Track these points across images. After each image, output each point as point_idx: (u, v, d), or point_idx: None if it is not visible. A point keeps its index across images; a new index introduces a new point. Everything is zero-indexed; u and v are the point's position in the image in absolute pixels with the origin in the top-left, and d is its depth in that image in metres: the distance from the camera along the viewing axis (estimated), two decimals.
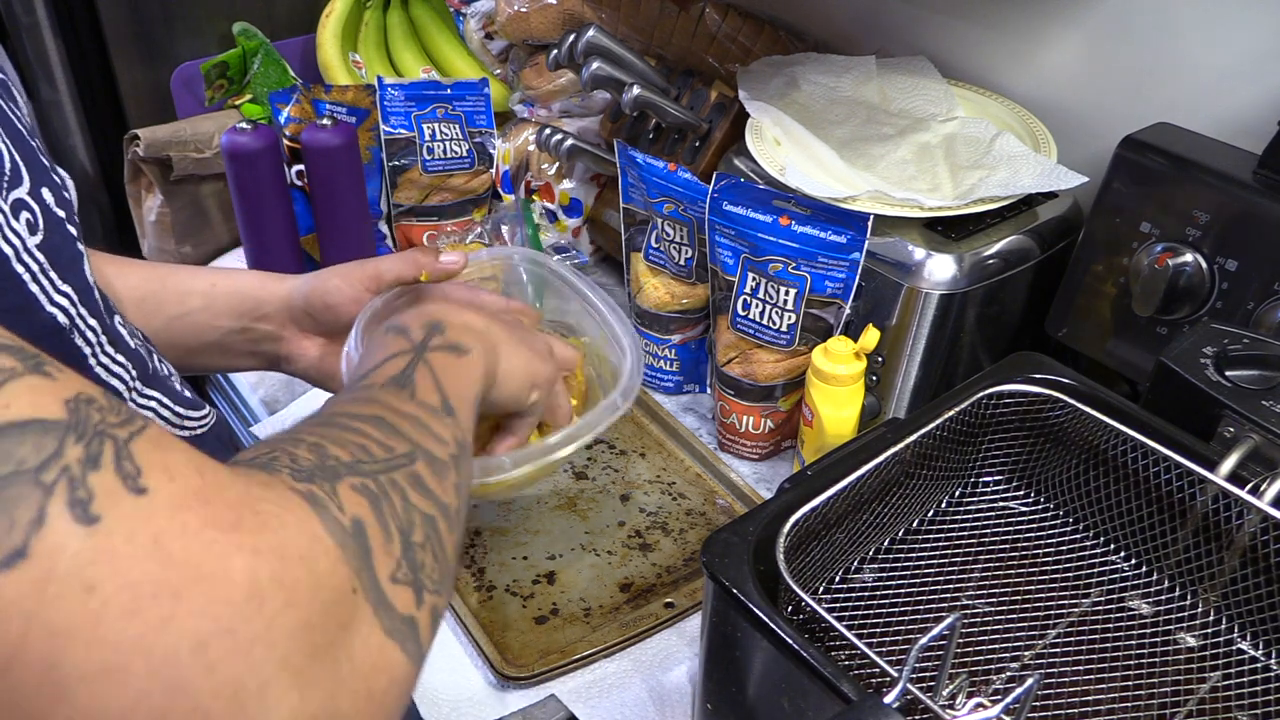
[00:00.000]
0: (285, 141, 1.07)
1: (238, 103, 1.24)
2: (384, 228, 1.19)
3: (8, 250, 0.40)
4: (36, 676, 0.27)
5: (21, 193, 0.42)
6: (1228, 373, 0.66)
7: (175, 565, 0.29)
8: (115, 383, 0.48)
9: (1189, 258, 0.73)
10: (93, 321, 0.46)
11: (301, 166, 1.08)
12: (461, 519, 0.45)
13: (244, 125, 1.02)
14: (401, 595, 0.37)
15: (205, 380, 1.14)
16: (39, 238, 0.42)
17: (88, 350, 0.46)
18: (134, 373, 0.50)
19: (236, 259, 1.17)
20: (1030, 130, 0.89)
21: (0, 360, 0.30)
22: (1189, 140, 0.77)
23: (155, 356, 0.54)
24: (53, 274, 0.43)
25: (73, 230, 0.46)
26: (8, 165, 0.42)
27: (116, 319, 0.50)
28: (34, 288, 0.42)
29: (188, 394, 0.55)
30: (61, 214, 0.45)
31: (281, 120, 1.09)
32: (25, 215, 0.42)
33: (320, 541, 0.34)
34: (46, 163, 0.45)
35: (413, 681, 0.38)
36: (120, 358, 0.49)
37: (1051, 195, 0.86)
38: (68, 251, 0.45)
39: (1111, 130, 0.79)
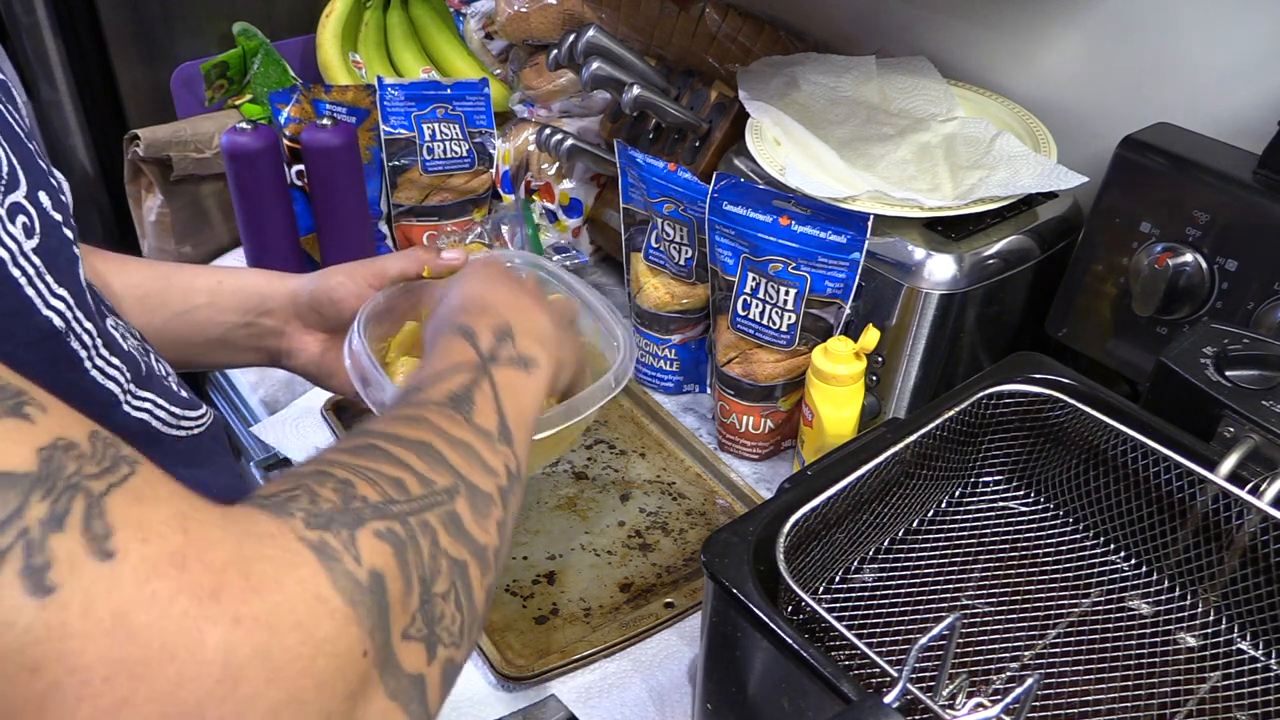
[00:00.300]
0: (285, 141, 1.07)
1: (238, 103, 1.24)
2: (384, 228, 1.19)
3: (4, 255, 0.39)
4: None
5: (18, 196, 0.41)
6: (1228, 373, 0.66)
7: (137, 643, 0.27)
8: (111, 385, 0.47)
9: (1189, 258, 0.73)
10: (88, 325, 0.45)
11: (301, 166, 1.08)
12: (501, 559, 0.43)
13: (244, 125, 1.02)
14: (412, 653, 0.35)
15: (205, 381, 1.14)
16: (35, 241, 0.41)
17: (84, 354, 0.45)
18: (129, 375, 0.49)
19: (236, 259, 1.17)
20: (1030, 130, 0.89)
21: None
22: (1189, 140, 0.77)
23: (152, 356, 0.53)
24: (49, 278, 0.42)
25: (69, 233, 0.45)
26: (4, 169, 0.41)
27: (109, 321, 0.50)
28: (30, 291, 0.41)
29: (184, 394, 0.55)
30: (58, 217, 0.44)
31: (281, 120, 1.09)
32: (22, 219, 0.41)
33: (326, 603, 0.31)
34: (44, 165, 0.45)
35: None
36: (115, 360, 0.48)
37: (1051, 195, 0.86)
38: (64, 255, 0.44)
39: (1111, 130, 0.79)
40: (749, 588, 0.56)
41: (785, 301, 0.84)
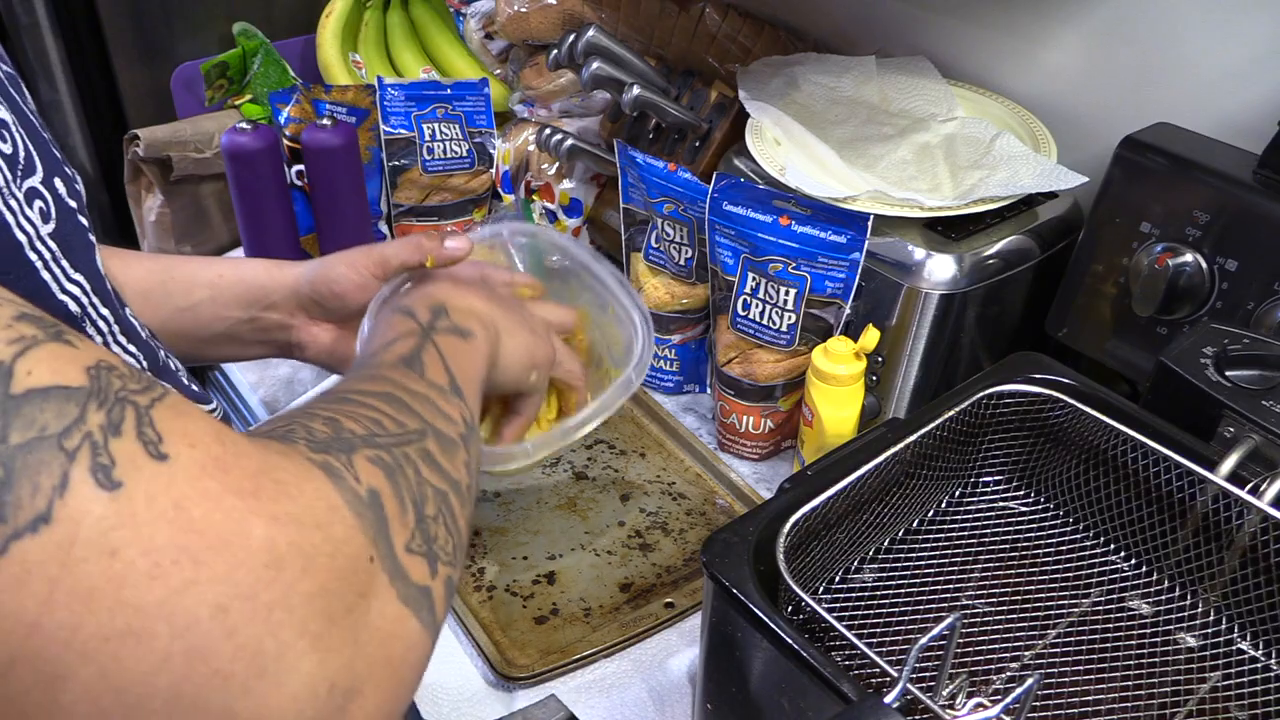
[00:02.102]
0: (285, 141, 1.07)
1: (238, 103, 1.24)
2: (384, 228, 1.19)
3: (21, 238, 0.40)
4: (62, 638, 0.28)
5: (35, 181, 0.42)
6: (1228, 373, 0.66)
7: (196, 531, 0.30)
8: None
9: (1189, 258, 0.73)
10: (105, 311, 0.46)
11: (301, 166, 1.08)
12: (472, 496, 0.46)
13: (244, 125, 1.02)
14: (416, 565, 0.38)
15: (205, 380, 1.14)
16: (51, 226, 0.43)
17: (99, 340, 0.46)
18: (145, 364, 0.50)
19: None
20: (1030, 130, 0.89)
21: (22, 328, 0.30)
22: (1189, 140, 0.77)
23: (163, 351, 0.54)
24: (65, 263, 0.43)
25: (84, 221, 0.46)
26: (21, 154, 0.42)
27: (128, 310, 0.50)
28: (46, 275, 0.42)
29: (195, 388, 0.56)
30: (73, 205, 0.45)
31: (281, 120, 1.09)
32: (38, 204, 0.42)
33: (337, 510, 0.35)
34: (58, 155, 0.46)
35: (428, 651, 0.38)
36: (132, 348, 0.49)
37: (1051, 195, 0.86)
38: (79, 241, 0.45)
39: (1111, 130, 0.79)
40: (749, 588, 0.57)
41: (785, 301, 0.84)
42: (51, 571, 0.28)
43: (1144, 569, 0.69)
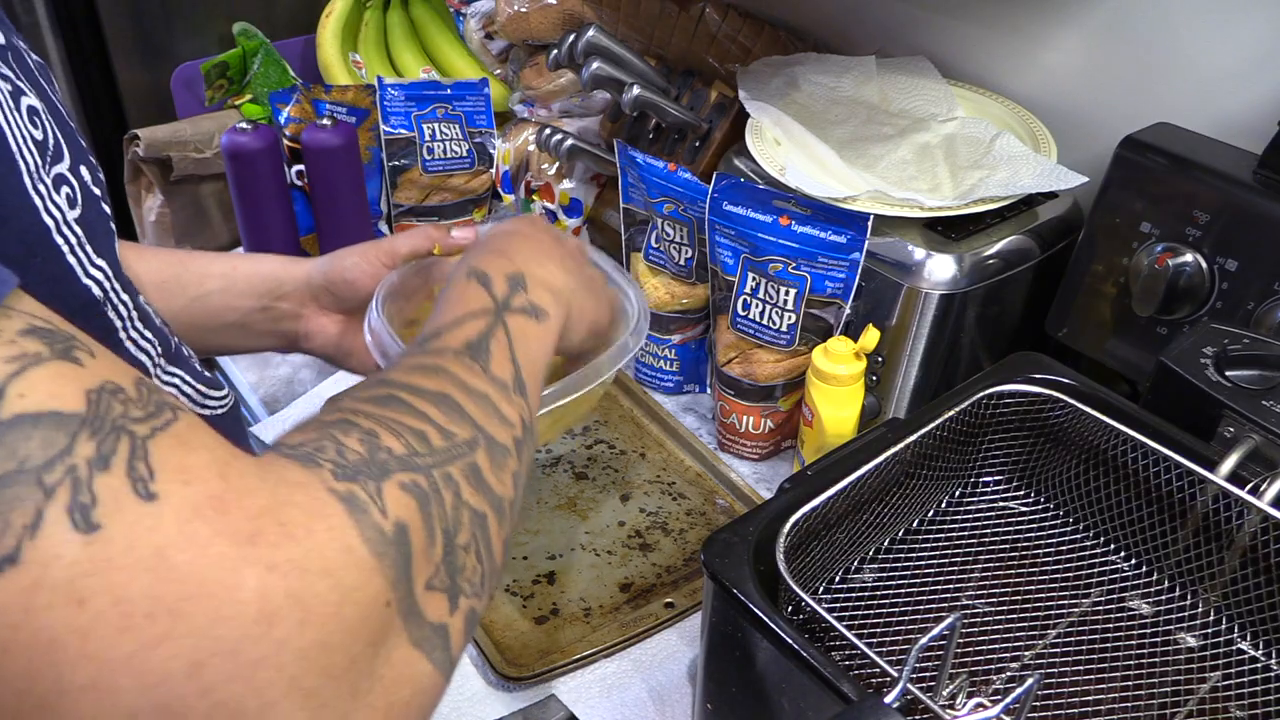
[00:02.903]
0: (285, 141, 1.07)
1: (238, 103, 1.24)
2: (384, 228, 1.19)
3: (49, 221, 0.40)
4: (19, 688, 0.26)
5: (62, 168, 0.42)
6: (1228, 373, 0.66)
7: (177, 580, 0.28)
8: (142, 357, 0.48)
9: (1189, 258, 0.73)
10: (125, 297, 0.46)
11: (301, 166, 1.08)
12: (515, 511, 0.44)
13: (244, 125, 1.02)
14: (434, 603, 0.35)
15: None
16: (77, 212, 0.42)
17: (119, 324, 0.45)
18: (159, 349, 0.50)
19: None
20: (1030, 130, 0.89)
21: (26, 344, 0.29)
22: (1189, 140, 0.77)
23: (176, 338, 0.54)
24: (89, 248, 0.43)
25: (106, 209, 0.46)
26: (51, 141, 0.42)
27: (141, 298, 0.51)
28: (71, 259, 0.41)
29: (208, 374, 0.55)
30: (97, 192, 0.45)
31: (281, 120, 1.09)
32: (65, 190, 0.42)
33: (353, 553, 0.32)
34: (83, 144, 0.46)
35: (440, 690, 0.36)
36: (148, 334, 0.49)
37: (1051, 195, 0.86)
38: (102, 228, 0.45)
39: (1111, 130, 0.79)
40: (749, 588, 0.57)
41: (785, 301, 0.84)
42: (13, 617, 0.26)
43: (1144, 569, 0.69)
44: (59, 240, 0.41)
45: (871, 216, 0.79)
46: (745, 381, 0.90)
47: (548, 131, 1.09)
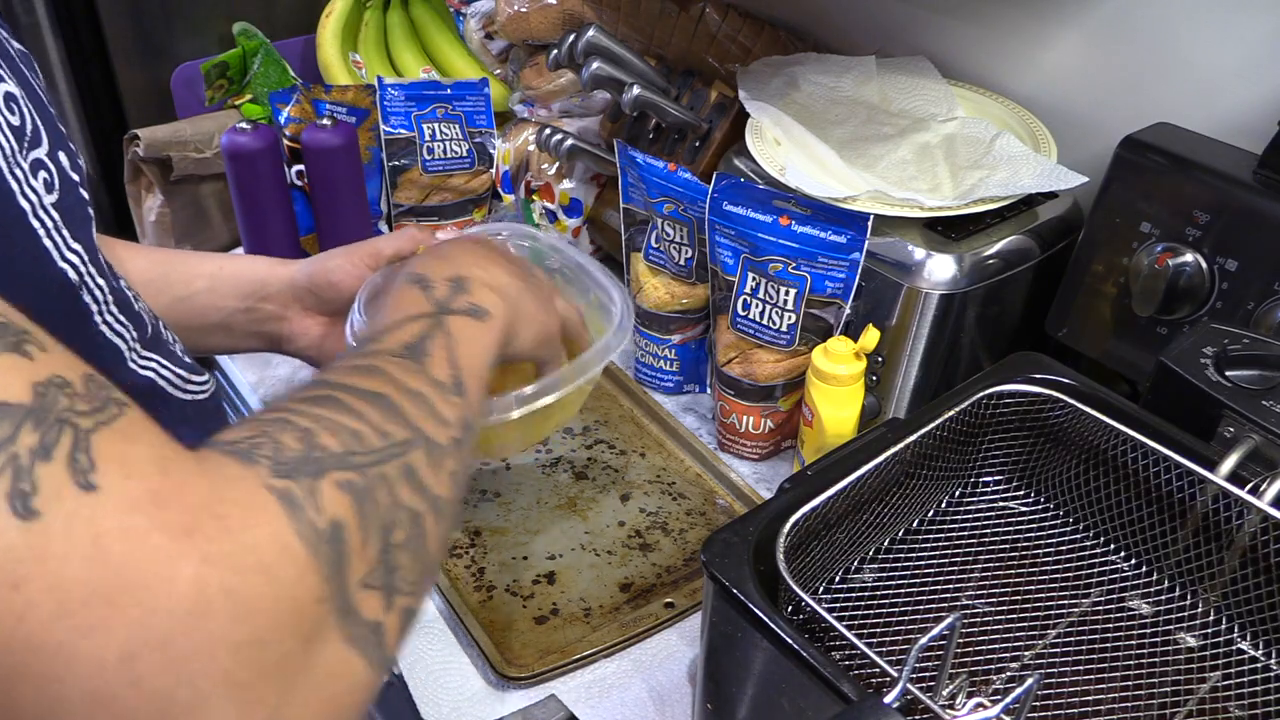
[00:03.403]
0: (285, 141, 1.07)
1: (238, 103, 1.24)
2: (384, 228, 1.19)
3: (25, 205, 0.41)
4: None
5: (40, 153, 0.43)
6: (1228, 373, 0.66)
7: (112, 570, 0.28)
8: (117, 341, 0.48)
9: (1189, 258, 0.73)
10: (100, 281, 0.46)
11: (301, 166, 1.08)
12: (454, 510, 0.44)
13: (244, 125, 1.02)
14: (370, 601, 0.35)
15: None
16: (54, 197, 0.43)
17: (95, 307, 0.46)
18: (135, 334, 0.50)
19: None
20: (1030, 130, 0.89)
21: None
22: (1189, 140, 0.77)
23: (161, 324, 0.54)
24: (65, 232, 0.43)
25: (84, 195, 0.47)
26: (29, 126, 0.42)
27: (123, 282, 0.51)
28: (48, 243, 0.42)
29: (188, 360, 0.55)
30: (76, 178, 0.46)
31: (281, 120, 1.09)
32: (43, 174, 0.42)
33: (288, 549, 0.32)
34: (63, 131, 0.47)
35: (374, 688, 0.36)
36: (123, 318, 0.49)
37: (1051, 195, 0.86)
38: (79, 213, 0.45)
39: (1111, 130, 0.79)
40: (749, 588, 0.57)
41: (785, 301, 0.84)
42: None
43: (1144, 569, 0.69)
44: (35, 223, 0.41)
45: (871, 216, 0.79)
46: (745, 381, 0.90)
47: (548, 131, 1.09)
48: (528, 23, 1.16)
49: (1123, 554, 0.70)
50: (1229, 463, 0.61)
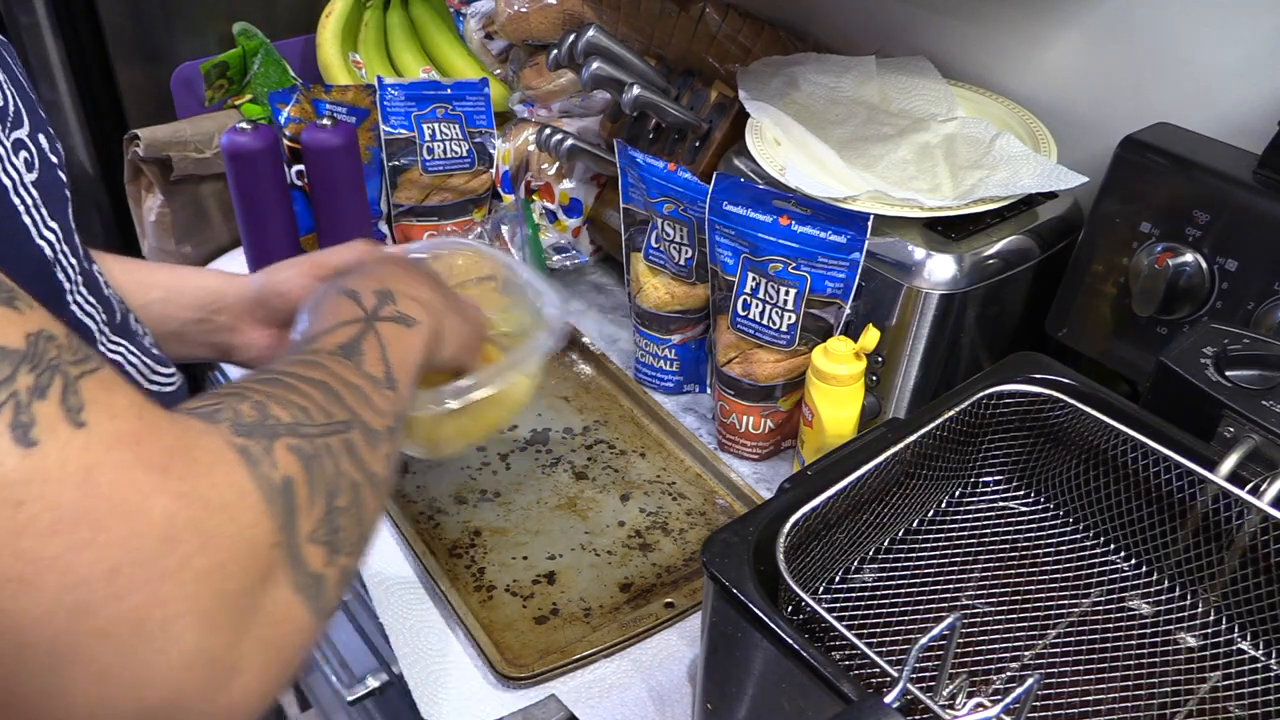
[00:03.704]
0: (285, 141, 1.07)
1: (238, 103, 1.24)
2: (384, 228, 1.19)
3: (6, 182, 0.44)
4: None
5: (21, 134, 0.46)
6: (1228, 373, 0.66)
7: (100, 497, 0.32)
8: (88, 321, 0.50)
9: (1189, 258, 0.73)
10: (73, 261, 0.49)
11: (302, 166, 1.08)
12: (387, 489, 0.48)
13: (244, 125, 1.02)
14: (315, 553, 0.39)
15: (205, 380, 1.14)
16: (34, 175, 0.46)
17: (67, 286, 0.49)
18: (104, 318, 0.53)
19: (236, 259, 1.17)
20: (1030, 130, 0.89)
21: None
22: (1189, 140, 0.77)
23: (132, 315, 0.56)
24: (43, 210, 0.46)
25: (63, 176, 0.49)
26: (11, 107, 0.45)
27: (95, 266, 0.53)
28: (26, 219, 0.45)
29: (156, 351, 0.57)
30: (55, 160, 0.49)
31: (281, 120, 1.09)
32: (24, 154, 0.45)
33: (247, 495, 0.36)
34: (44, 115, 0.49)
35: (314, 637, 0.39)
36: (93, 300, 0.52)
37: (1051, 195, 0.86)
38: (57, 193, 0.48)
39: (1111, 130, 0.79)
40: (749, 588, 0.57)
41: (785, 301, 0.84)
42: None
43: (1144, 569, 0.69)
44: (15, 200, 0.44)
45: (871, 216, 0.79)
46: (745, 381, 0.90)
47: (548, 131, 1.09)
48: (528, 23, 1.16)
49: (1123, 554, 0.70)
50: (1229, 463, 0.61)
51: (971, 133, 0.90)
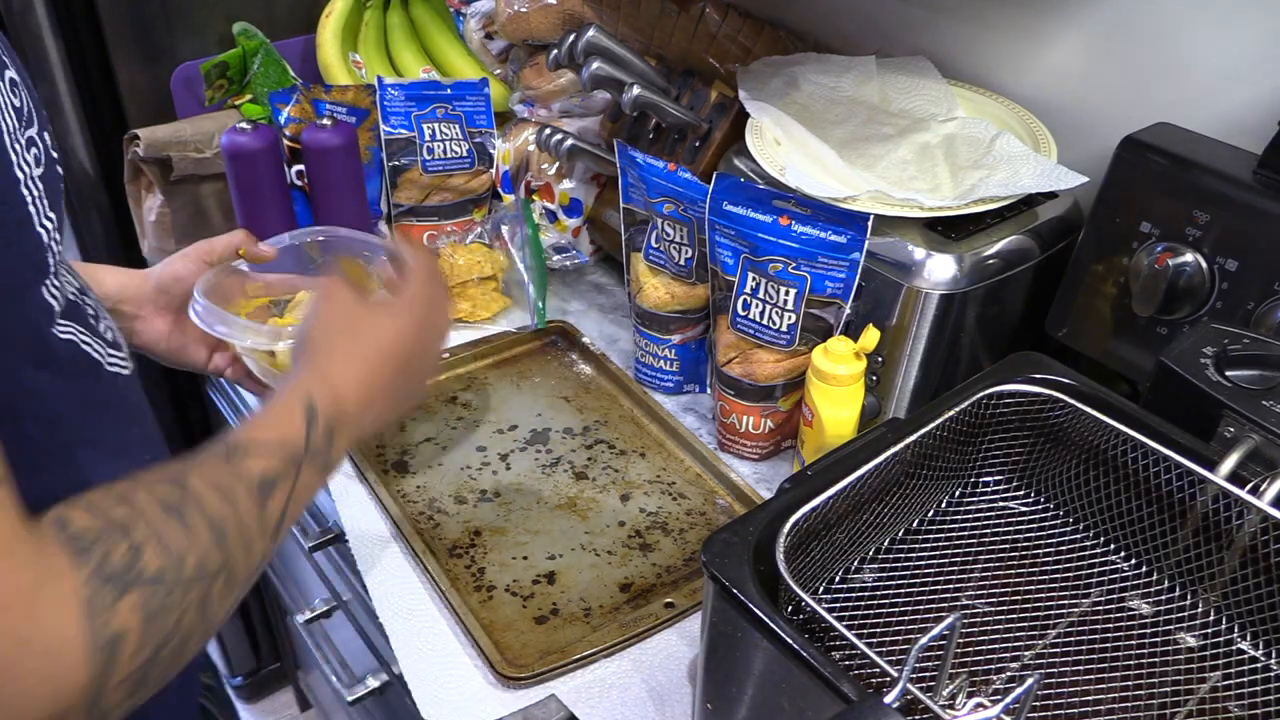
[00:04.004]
0: (286, 141, 1.07)
1: (238, 103, 1.24)
2: (384, 227, 1.19)
3: (18, 174, 0.47)
4: None
5: (32, 131, 0.49)
6: (1228, 373, 0.66)
7: None
8: (52, 303, 0.52)
9: (1189, 258, 0.73)
10: (59, 249, 0.52)
11: (302, 166, 1.08)
12: (245, 584, 0.51)
13: (244, 125, 1.02)
14: (117, 695, 0.42)
15: (205, 379, 1.14)
16: (40, 170, 0.49)
17: (51, 268, 0.51)
18: (79, 286, 0.56)
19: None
20: (1030, 130, 0.89)
21: None
22: (1189, 140, 0.77)
23: (85, 298, 0.58)
24: (45, 202, 0.50)
25: (60, 171, 0.53)
26: (26, 108, 0.49)
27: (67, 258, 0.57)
28: (32, 209, 0.48)
29: (109, 335, 0.60)
30: (55, 155, 0.53)
31: (281, 120, 1.09)
32: (34, 150, 0.49)
33: (72, 647, 0.39)
34: (45, 113, 0.53)
35: None
36: (70, 277, 0.56)
37: (1051, 195, 0.86)
38: (56, 186, 0.52)
39: (1111, 130, 0.79)
40: (749, 588, 0.57)
41: (785, 301, 0.84)
42: None
43: (1144, 569, 0.69)
44: (24, 192, 0.47)
45: (871, 216, 0.79)
46: (745, 381, 0.90)
47: (548, 131, 1.09)
48: (528, 23, 1.16)
49: (1123, 554, 0.70)
50: (1229, 463, 0.61)
51: (971, 133, 0.90)
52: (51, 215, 0.50)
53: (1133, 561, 0.70)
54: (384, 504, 0.87)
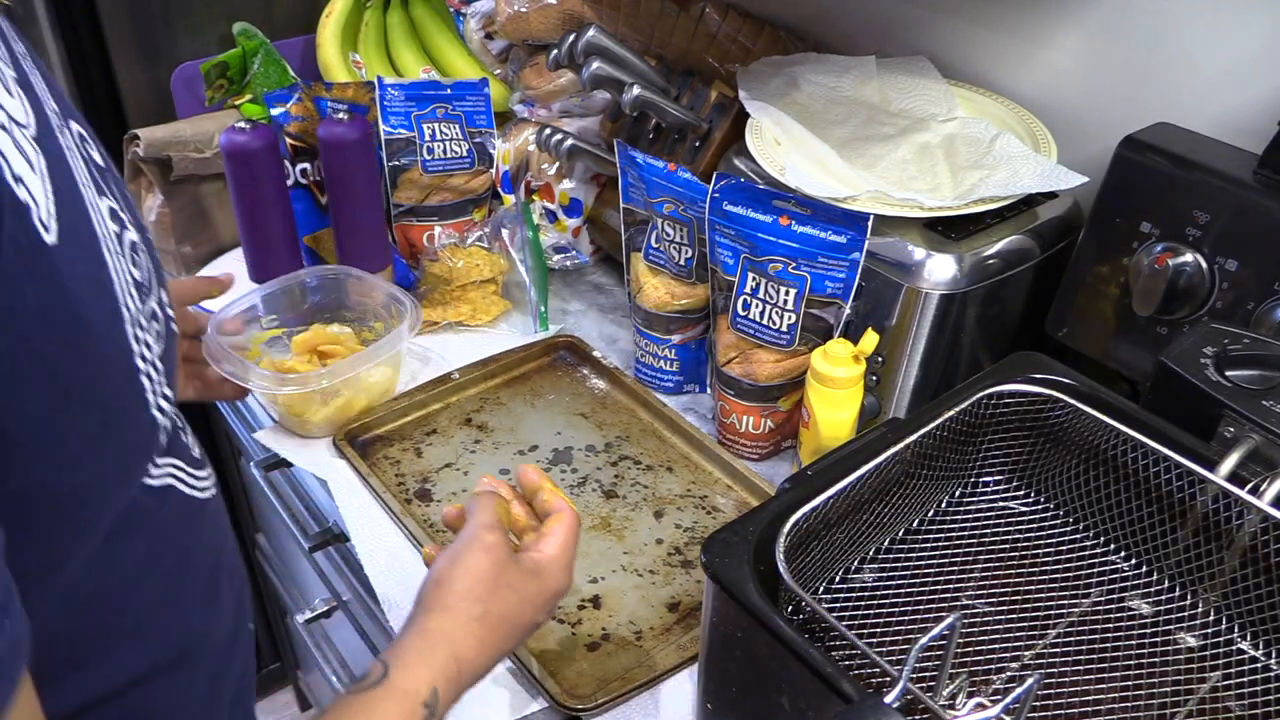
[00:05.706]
0: (288, 140, 1.07)
1: (238, 103, 1.24)
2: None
3: (139, 364, 0.42)
4: None
5: (153, 303, 0.44)
6: (1228, 373, 0.66)
7: None
8: (165, 423, 0.47)
9: (1189, 258, 0.73)
10: (170, 409, 0.47)
11: (305, 165, 1.08)
12: None
13: (243, 125, 1.01)
14: None
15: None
16: (161, 349, 0.45)
17: (164, 443, 0.47)
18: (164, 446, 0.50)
19: (236, 259, 1.17)
20: (1030, 130, 0.89)
21: None
22: (1189, 140, 0.77)
23: (181, 428, 0.53)
24: (164, 382, 0.45)
25: (175, 329, 0.48)
26: (147, 271, 0.44)
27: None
28: (150, 396, 0.43)
29: (196, 452, 0.55)
30: (171, 315, 0.47)
31: (282, 119, 1.09)
32: (155, 325, 0.44)
33: None
34: (158, 257, 0.47)
35: None
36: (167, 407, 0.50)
37: (1051, 195, 0.86)
38: (172, 356, 0.46)
39: (1111, 130, 0.79)
40: (749, 588, 0.56)
41: (785, 302, 0.84)
42: None
43: (1144, 569, 0.69)
44: (144, 381, 0.43)
45: (871, 216, 0.79)
46: (745, 381, 0.90)
47: (548, 131, 1.09)
48: (528, 23, 1.16)
49: (1123, 554, 0.70)
50: (1229, 463, 0.61)
51: (971, 133, 0.90)
52: (169, 392, 0.45)
53: (1133, 561, 0.70)
54: (413, 536, 0.83)
